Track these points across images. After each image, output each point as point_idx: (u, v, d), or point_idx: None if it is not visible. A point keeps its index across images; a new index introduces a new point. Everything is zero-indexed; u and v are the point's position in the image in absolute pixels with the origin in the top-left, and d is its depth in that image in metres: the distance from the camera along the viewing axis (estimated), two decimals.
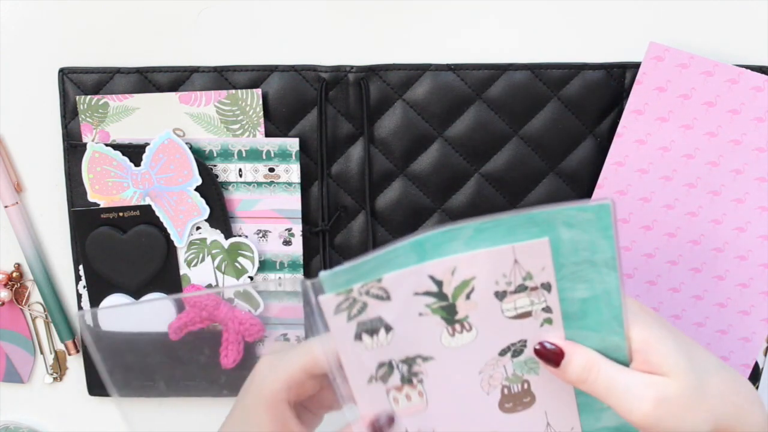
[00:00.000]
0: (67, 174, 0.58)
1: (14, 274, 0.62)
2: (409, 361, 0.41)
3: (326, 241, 0.58)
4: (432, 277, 0.39)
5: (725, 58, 0.55)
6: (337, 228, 0.59)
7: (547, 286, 0.40)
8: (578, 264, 0.39)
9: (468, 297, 0.40)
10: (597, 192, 0.57)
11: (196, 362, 0.60)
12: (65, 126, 0.57)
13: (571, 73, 0.56)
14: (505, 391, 0.43)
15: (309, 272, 0.59)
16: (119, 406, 0.59)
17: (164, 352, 0.60)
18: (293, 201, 0.58)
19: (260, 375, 0.43)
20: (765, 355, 0.59)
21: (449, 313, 0.40)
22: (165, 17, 0.57)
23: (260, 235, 0.58)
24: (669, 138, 0.55)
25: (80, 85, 0.57)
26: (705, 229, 0.56)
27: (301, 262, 0.59)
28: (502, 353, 0.42)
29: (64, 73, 0.57)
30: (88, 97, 0.56)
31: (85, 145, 0.57)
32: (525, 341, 0.41)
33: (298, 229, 0.58)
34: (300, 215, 0.58)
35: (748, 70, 0.53)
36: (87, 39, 0.57)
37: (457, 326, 0.41)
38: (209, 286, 0.59)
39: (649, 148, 0.55)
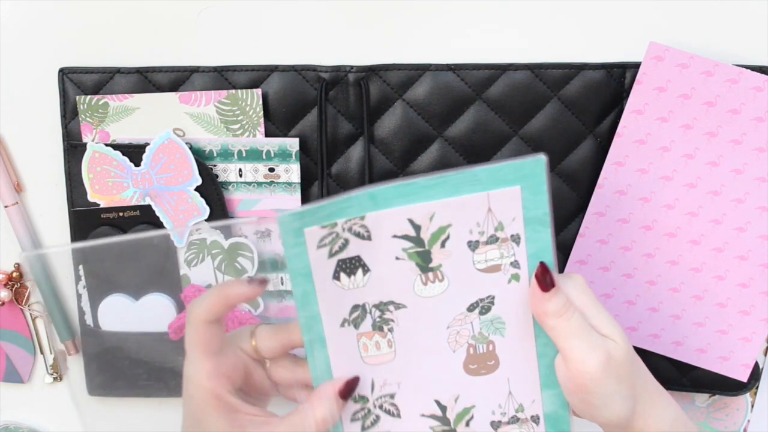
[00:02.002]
0: (67, 174, 0.58)
1: (14, 274, 0.62)
2: (382, 307, 0.43)
3: None
4: (411, 221, 0.41)
5: (725, 58, 0.55)
6: None
7: (516, 238, 0.42)
8: None
9: (443, 245, 0.42)
10: (597, 192, 0.57)
11: None
12: (65, 126, 0.57)
13: (571, 73, 0.56)
14: (471, 350, 0.44)
15: None
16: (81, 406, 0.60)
17: (164, 352, 0.60)
18: (293, 201, 0.58)
19: (189, 374, 0.43)
20: (765, 355, 0.59)
21: (424, 260, 0.42)
22: (165, 17, 0.57)
23: (260, 235, 0.58)
24: (669, 138, 0.55)
25: (80, 85, 0.57)
26: (705, 229, 0.56)
27: None
28: (471, 308, 0.44)
29: (64, 73, 0.57)
30: (88, 97, 0.56)
31: (85, 145, 0.57)
32: (493, 297, 0.43)
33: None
34: None
35: (748, 70, 0.53)
36: (87, 39, 0.57)
37: (431, 275, 0.43)
38: (209, 286, 0.59)
39: (649, 148, 0.55)
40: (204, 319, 0.42)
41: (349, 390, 0.44)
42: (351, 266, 0.42)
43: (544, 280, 0.42)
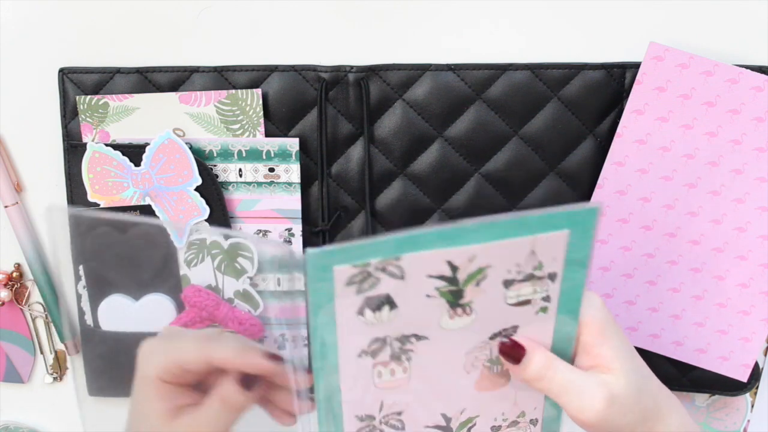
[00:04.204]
0: (67, 174, 0.58)
1: (14, 274, 0.62)
2: (403, 339, 0.42)
3: (326, 241, 0.58)
4: (450, 263, 0.39)
5: (725, 58, 0.55)
6: (337, 228, 0.59)
7: (552, 276, 0.41)
8: None
9: (478, 284, 0.40)
10: (597, 192, 0.57)
11: None
12: (65, 126, 0.57)
13: (571, 73, 0.56)
14: (485, 371, 0.44)
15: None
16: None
17: None
18: (293, 201, 0.58)
19: (142, 358, 0.44)
20: (765, 355, 0.59)
21: (455, 297, 0.41)
22: (165, 17, 0.57)
23: (260, 235, 0.58)
24: (669, 138, 0.55)
25: (80, 85, 0.57)
26: (705, 229, 0.56)
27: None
28: (493, 337, 0.43)
29: (64, 73, 0.57)
30: (88, 97, 0.56)
31: (85, 145, 0.57)
32: (516, 327, 0.42)
33: (298, 229, 0.58)
34: (300, 215, 0.58)
35: (748, 70, 0.53)
36: (87, 39, 0.57)
37: (459, 310, 0.41)
38: (209, 286, 0.59)
39: (649, 148, 0.55)
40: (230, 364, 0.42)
41: (249, 380, 0.43)
42: (378, 303, 0.40)
43: (510, 355, 0.42)
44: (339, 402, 0.44)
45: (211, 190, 0.57)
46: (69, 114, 0.57)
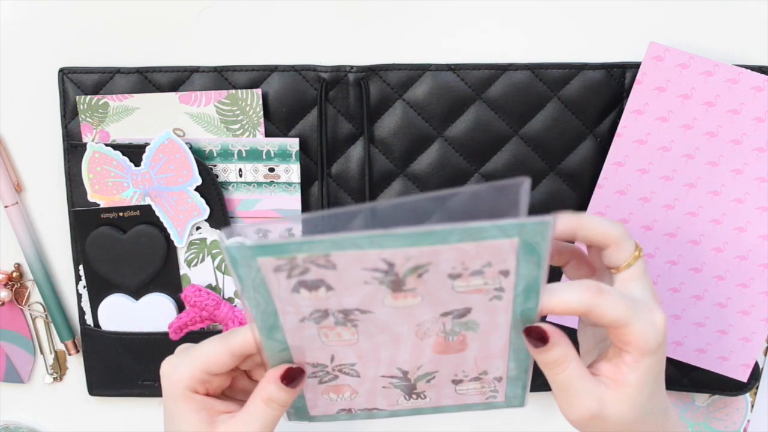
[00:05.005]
0: (67, 174, 0.58)
1: (14, 274, 0.62)
2: (347, 312, 0.40)
3: None
4: (385, 260, 0.38)
5: (725, 58, 0.55)
6: (337, 228, 0.59)
7: (505, 273, 0.39)
8: None
9: (420, 276, 0.39)
10: (597, 192, 0.57)
11: None
12: (65, 126, 0.57)
13: (571, 73, 0.56)
14: (440, 339, 0.43)
15: None
16: None
17: (164, 352, 0.60)
18: (293, 201, 0.58)
19: (165, 377, 0.43)
20: (765, 355, 0.59)
21: (396, 286, 0.39)
22: (165, 17, 0.57)
23: (260, 235, 0.58)
24: (669, 138, 0.55)
25: (80, 85, 0.57)
26: (705, 229, 0.56)
27: None
28: (444, 315, 0.41)
29: (64, 73, 0.57)
30: (88, 97, 0.56)
31: (85, 145, 0.57)
32: (470, 309, 0.41)
33: (298, 229, 0.58)
34: (300, 215, 0.58)
35: (748, 70, 0.53)
36: (87, 39, 0.57)
37: (401, 294, 0.40)
38: (209, 286, 0.59)
39: (649, 148, 0.55)
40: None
41: (289, 377, 0.42)
42: (313, 285, 0.39)
43: (534, 340, 0.41)
44: (288, 357, 0.42)
45: (211, 190, 0.57)
46: (69, 114, 0.57)
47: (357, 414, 0.48)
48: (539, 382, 0.58)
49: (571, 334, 0.43)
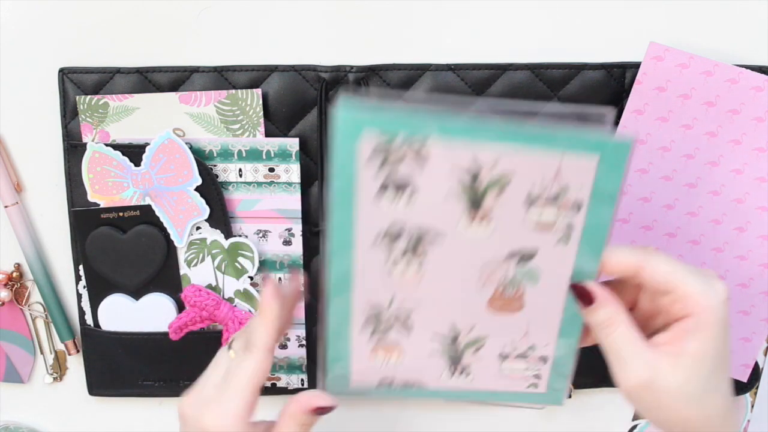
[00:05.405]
0: (67, 174, 0.58)
1: (14, 274, 0.62)
2: (420, 234, 0.41)
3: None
4: (474, 159, 0.39)
5: (725, 58, 0.55)
6: None
7: (578, 206, 0.40)
8: None
9: (500, 191, 0.40)
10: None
11: (196, 362, 0.60)
12: (65, 126, 0.57)
13: (571, 73, 0.56)
14: (499, 290, 0.43)
15: (309, 272, 0.59)
16: None
17: (164, 352, 0.60)
18: (293, 201, 0.58)
19: (197, 420, 0.42)
20: (765, 355, 0.59)
21: (476, 200, 0.40)
22: (165, 17, 0.57)
23: (260, 235, 0.58)
24: (669, 138, 0.55)
25: (80, 85, 0.57)
26: (705, 229, 0.56)
27: (301, 262, 0.59)
28: (510, 256, 0.42)
29: (64, 73, 0.57)
30: (88, 97, 0.56)
31: (85, 145, 0.57)
32: (536, 251, 0.41)
33: (298, 229, 0.58)
34: (300, 215, 0.58)
35: (748, 70, 0.53)
36: (87, 39, 0.57)
37: (479, 215, 0.40)
38: (209, 286, 0.59)
39: (650, 148, 0.55)
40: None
41: (321, 411, 0.42)
42: (399, 184, 0.39)
43: (581, 297, 0.41)
44: (349, 287, 0.42)
45: (211, 190, 0.57)
46: (69, 114, 0.57)
47: (395, 389, 0.47)
48: None
49: None
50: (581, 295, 0.42)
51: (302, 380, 0.61)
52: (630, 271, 0.41)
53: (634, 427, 0.63)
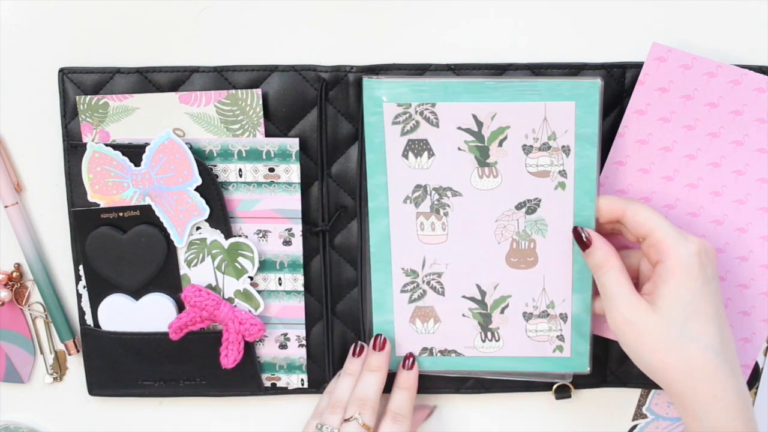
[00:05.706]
0: (67, 174, 0.58)
1: (14, 274, 0.62)
2: (441, 191, 0.50)
3: (326, 241, 0.58)
4: (475, 117, 0.49)
5: (728, 59, 0.55)
6: (337, 228, 0.59)
7: (566, 150, 0.49)
8: None
9: (501, 144, 0.49)
10: (598, 191, 0.57)
11: (196, 362, 0.60)
12: (65, 126, 0.57)
13: (571, 73, 0.56)
14: (514, 245, 0.51)
15: (309, 272, 0.59)
16: None
17: (164, 352, 0.60)
18: (293, 201, 0.58)
19: None
20: (765, 355, 0.59)
21: (482, 155, 0.50)
22: (165, 17, 0.57)
23: (260, 235, 0.58)
24: (671, 138, 0.55)
25: (80, 85, 0.57)
26: (706, 230, 0.56)
27: (301, 262, 0.59)
28: (519, 207, 0.50)
29: (64, 73, 0.57)
30: (88, 97, 0.56)
31: (85, 145, 0.57)
32: (539, 200, 0.50)
33: (298, 229, 0.58)
34: (300, 215, 0.58)
35: (752, 72, 0.53)
36: (87, 39, 0.57)
37: (486, 170, 0.50)
38: (209, 286, 0.59)
39: (651, 148, 0.55)
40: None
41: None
42: (419, 147, 0.49)
43: (579, 240, 0.50)
44: (389, 249, 0.52)
45: (211, 190, 0.57)
46: (69, 114, 0.57)
47: (436, 358, 0.54)
48: (538, 383, 0.59)
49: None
50: (580, 238, 0.50)
51: (302, 380, 0.61)
52: (617, 213, 0.50)
53: (634, 427, 0.63)
